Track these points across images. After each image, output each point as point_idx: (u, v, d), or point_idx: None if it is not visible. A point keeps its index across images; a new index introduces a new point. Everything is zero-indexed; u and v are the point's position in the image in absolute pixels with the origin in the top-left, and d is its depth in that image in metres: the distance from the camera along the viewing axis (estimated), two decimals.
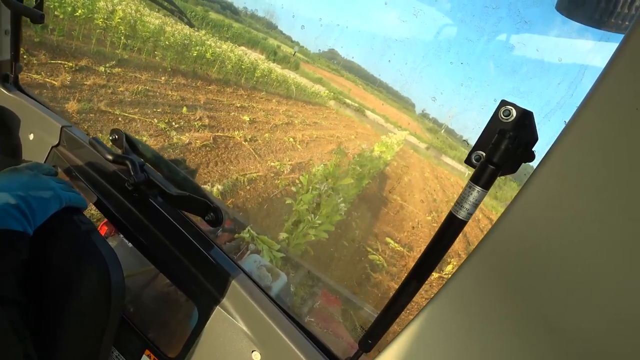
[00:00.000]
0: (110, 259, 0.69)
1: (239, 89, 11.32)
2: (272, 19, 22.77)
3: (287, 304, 1.46)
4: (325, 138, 12.07)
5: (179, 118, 6.85)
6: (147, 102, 6.77)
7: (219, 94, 9.80)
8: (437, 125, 18.97)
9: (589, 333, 0.41)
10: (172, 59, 9.10)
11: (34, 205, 0.63)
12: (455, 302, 0.49)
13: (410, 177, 13.41)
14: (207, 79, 10.10)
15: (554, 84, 14.46)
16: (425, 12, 18.60)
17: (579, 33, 11.36)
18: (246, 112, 9.44)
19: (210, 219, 0.78)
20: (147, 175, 0.84)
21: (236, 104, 9.60)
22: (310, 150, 9.82)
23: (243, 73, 12.12)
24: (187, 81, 9.04)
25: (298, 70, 19.68)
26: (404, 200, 9.96)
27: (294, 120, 11.80)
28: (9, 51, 1.07)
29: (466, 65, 12.57)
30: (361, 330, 2.44)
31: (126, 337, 0.83)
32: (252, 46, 18.44)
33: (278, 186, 6.46)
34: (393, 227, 7.74)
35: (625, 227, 0.37)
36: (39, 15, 0.93)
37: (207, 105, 8.30)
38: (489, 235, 0.46)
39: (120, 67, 7.36)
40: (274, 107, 12.04)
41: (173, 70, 9.02)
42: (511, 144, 0.45)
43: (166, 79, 8.32)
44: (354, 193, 6.65)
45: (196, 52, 9.83)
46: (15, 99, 1.07)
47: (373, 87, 23.60)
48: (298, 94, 16.29)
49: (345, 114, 19.74)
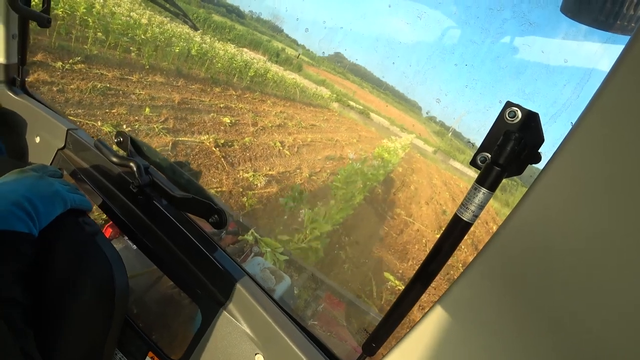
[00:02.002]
0: (114, 261, 0.69)
1: (229, 89, 10.23)
2: (277, 23, 22.82)
3: (291, 306, 1.46)
4: (321, 142, 10.72)
5: (135, 120, 5.93)
6: (102, 102, 5.88)
7: (203, 93, 8.72)
8: (444, 129, 18.63)
9: (594, 335, 0.40)
10: (151, 56, 8.10)
11: (39, 206, 0.63)
12: (460, 305, 0.49)
13: (416, 185, 11.93)
14: (192, 78, 9.11)
15: (559, 85, 14.37)
16: (429, 14, 18.57)
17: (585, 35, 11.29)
18: (230, 114, 8.34)
19: (214, 221, 0.78)
20: (152, 178, 0.84)
21: (220, 105, 8.52)
22: (300, 156, 8.49)
23: (235, 72, 11.18)
24: (165, 80, 8.01)
25: (301, 72, 19.31)
26: (408, 215, 8.40)
27: (287, 122, 10.62)
28: (17, 55, 1.08)
29: (471, 67, 12.52)
30: (365, 334, 2.43)
31: (130, 339, 0.84)
32: (254, 48, 18.08)
33: (244, 206, 5.11)
34: (395, 254, 6.26)
35: (632, 228, 0.37)
36: (46, 19, 0.94)
37: (181, 105, 7.28)
38: (495, 238, 0.45)
39: (86, 63, 6.52)
40: (266, 109, 10.87)
41: (152, 67, 8.00)
42: (517, 145, 0.44)
43: (140, 77, 7.34)
44: (340, 217, 5.12)
45: (179, 49, 8.90)
46: (23, 102, 1.08)
47: (379, 90, 23.40)
48: (298, 96, 15.52)
49: (349, 116, 19.07)
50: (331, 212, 4.91)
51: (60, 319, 0.67)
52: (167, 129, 6.20)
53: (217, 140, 6.61)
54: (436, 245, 0.52)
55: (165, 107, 6.83)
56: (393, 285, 4.92)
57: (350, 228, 5.79)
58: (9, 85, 1.10)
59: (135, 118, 6.01)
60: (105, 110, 5.74)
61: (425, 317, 0.52)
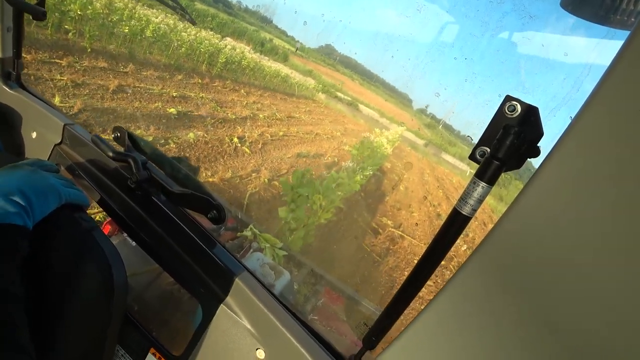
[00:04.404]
0: (112, 256, 0.69)
1: (195, 77, 8.99)
2: (266, 13, 22.41)
3: (291, 301, 1.47)
4: (297, 136, 9.34)
5: None
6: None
7: (158, 81, 7.48)
8: (435, 121, 18.31)
9: (590, 333, 0.41)
10: (94, 37, 6.84)
11: (33, 199, 0.62)
12: (459, 299, 0.49)
13: (407, 184, 10.36)
14: (148, 64, 7.85)
15: (559, 79, 14.32)
16: (428, 7, 18.39)
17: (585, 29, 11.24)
18: (183, 104, 7.10)
19: (213, 216, 0.78)
20: (150, 173, 0.84)
21: (172, 93, 7.23)
22: (265, 154, 7.01)
23: (205, 59, 9.86)
24: (109, 65, 6.80)
25: (287, 61, 18.26)
26: (397, 226, 6.72)
27: (259, 114, 9.28)
28: (11, 48, 1.07)
29: (470, 60, 12.46)
30: (365, 328, 2.45)
31: (131, 336, 0.84)
32: (238, 37, 16.78)
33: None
34: (381, 286, 4.68)
35: (631, 224, 0.37)
36: (41, 12, 0.93)
37: (116, 94, 6.02)
38: (494, 232, 0.45)
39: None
40: (236, 99, 9.51)
41: (95, 51, 6.75)
42: (516, 139, 0.44)
43: (71, 60, 6.08)
44: (299, 246, 3.79)
45: (127, 28, 7.53)
46: (18, 96, 1.07)
47: (370, 83, 23.00)
48: (279, 85, 14.09)
49: (337, 108, 17.87)
50: (295, 237, 3.67)
51: (56, 315, 0.67)
52: (80, 122, 5.09)
53: (145, 137, 5.33)
54: (435, 239, 0.52)
55: (90, 96, 5.59)
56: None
57: (315, 261, 3.89)
58: (4, 79, 1.09)
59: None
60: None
61: (425, 311, 0.52)
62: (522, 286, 0.44)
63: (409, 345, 0.54)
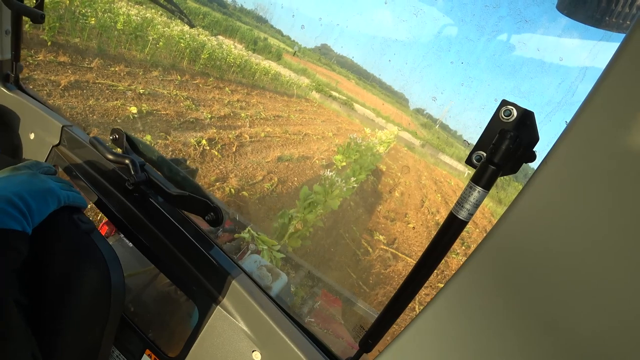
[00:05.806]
0: (110, 258, 0.69)
1: (173, 73, 8.41)
2: (261, 13, 22.35)
3: (288, 304, 1.46)
4: (281, 137, 8.65)
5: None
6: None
7: (127, 77, 6.91)
8: (431, 121, 18.20)
9: (588, 333, 0.41)
10: (54, 29, 6.32)
11: (32, 203, 0.62)
12: (456, 302, 0.49)
13: (403, 189, 9.64)
14: (119, 59, 7.28)
15: (555, 83, 14.44)
16: (425, 11, 18.46)
17: (580, 32, 11.31)
18: (151, 102, 6.47)
19: (211, 218, 0.78)
20: (148, 175, 0.84)
21: (138, 90, 6.61)
22: (239, 158, 6.31)
23: (185, 55, 9.36)
24: (70, 59, 6.23)
25: (280, 60, 17.86)
26: (390, 243, 5.98)
27: (240, 113, 8.59)
28: (10, 51, 1.07)
29: (467, 64, 12.51)
30: (362, 331, 2.44)
31: (127, 337, 0.83)
32: (230, 35, 16.50)
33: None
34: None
35: (626, 227, 0.37)
36: (39, 15, 0.93)
37: (67, 90, 5.39)
38: (490, 236, 0.45)
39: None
40: (217, 96, 8.86)
41: (55, 45, 6.25)
42: (512, 144, 0.44)
43: (23, 54, 4.33)
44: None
45: (94, 21, 6.95)
46: (16, 98, 1.07)
47: (366, 82, 22.84)
48: (269, 84, 13.47)
49: (331, 107, 17.31)
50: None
51: (55, 316, 0.67)
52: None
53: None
54: (432, 243, 0.53)
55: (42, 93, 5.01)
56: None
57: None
58: (3, 81, 1.09)
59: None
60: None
61: (421, 314, 0.52)
62: (518, 289, 0.44)
63: (405, 348, 0.54)
